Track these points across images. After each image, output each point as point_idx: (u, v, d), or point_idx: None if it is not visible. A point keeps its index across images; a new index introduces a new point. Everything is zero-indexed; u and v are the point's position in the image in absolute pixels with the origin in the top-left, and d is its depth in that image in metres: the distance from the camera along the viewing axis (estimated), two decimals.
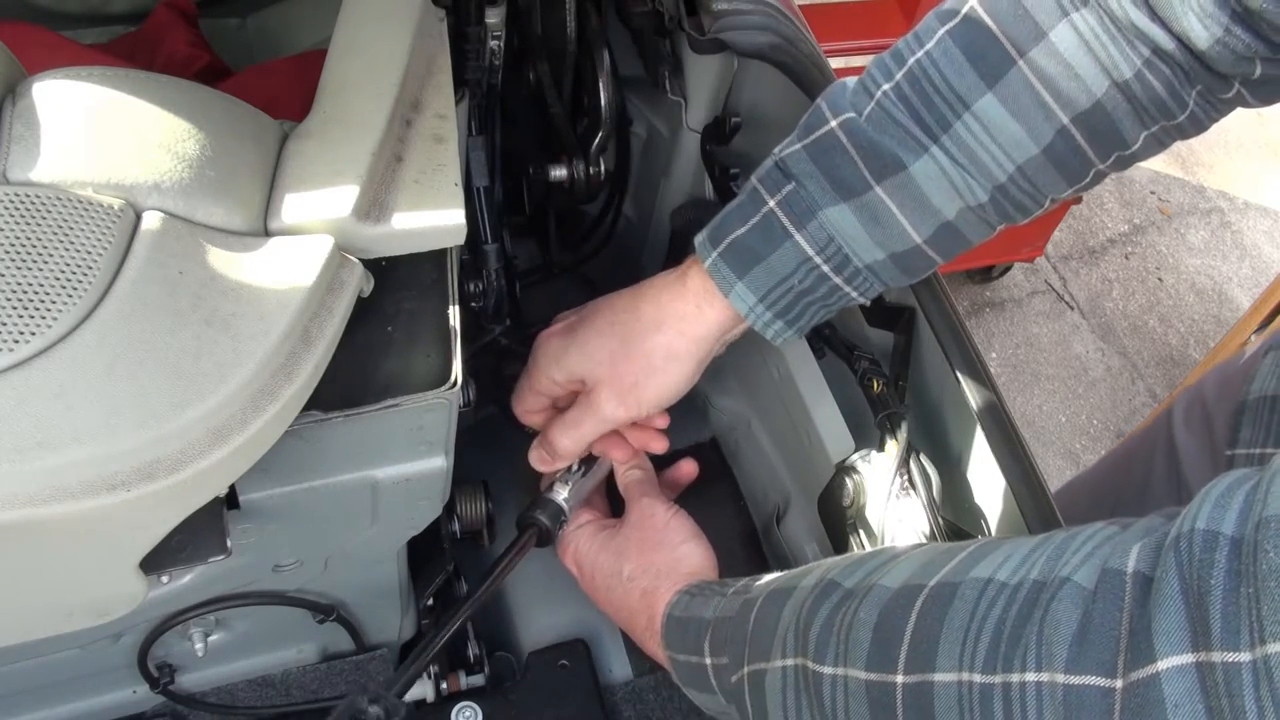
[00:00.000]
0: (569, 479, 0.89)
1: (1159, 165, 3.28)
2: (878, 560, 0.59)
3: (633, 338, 0.78)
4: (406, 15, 0.65)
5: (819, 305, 0.76)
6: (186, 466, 0.47)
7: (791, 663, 0.60)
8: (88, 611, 0.58)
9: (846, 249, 0.72)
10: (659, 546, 0.83)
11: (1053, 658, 0.44)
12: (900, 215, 0.71)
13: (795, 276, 0.73)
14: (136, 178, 0.51)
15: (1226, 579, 0.39)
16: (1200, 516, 0.42)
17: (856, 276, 0.74)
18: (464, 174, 0.79)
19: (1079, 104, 0.67)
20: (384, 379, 0.60)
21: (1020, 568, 0.49)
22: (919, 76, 0.69)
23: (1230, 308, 2.93)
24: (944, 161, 0.69)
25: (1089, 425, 2.64)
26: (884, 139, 0.69)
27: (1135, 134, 0.69)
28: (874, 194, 0.70)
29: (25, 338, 0.45)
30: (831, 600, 0.59)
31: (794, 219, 0.72)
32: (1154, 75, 0.66)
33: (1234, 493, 0.42)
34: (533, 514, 0.87)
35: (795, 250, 0.73)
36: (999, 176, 0.70)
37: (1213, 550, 0.40)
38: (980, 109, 0.67)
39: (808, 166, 0.71)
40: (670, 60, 0.94)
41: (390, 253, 0.59)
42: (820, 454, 0.91)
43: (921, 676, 0.50)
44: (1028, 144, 0.68)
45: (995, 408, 0.78)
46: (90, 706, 0.90)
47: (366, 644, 0.94)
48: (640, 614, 0.80)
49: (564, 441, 0.83)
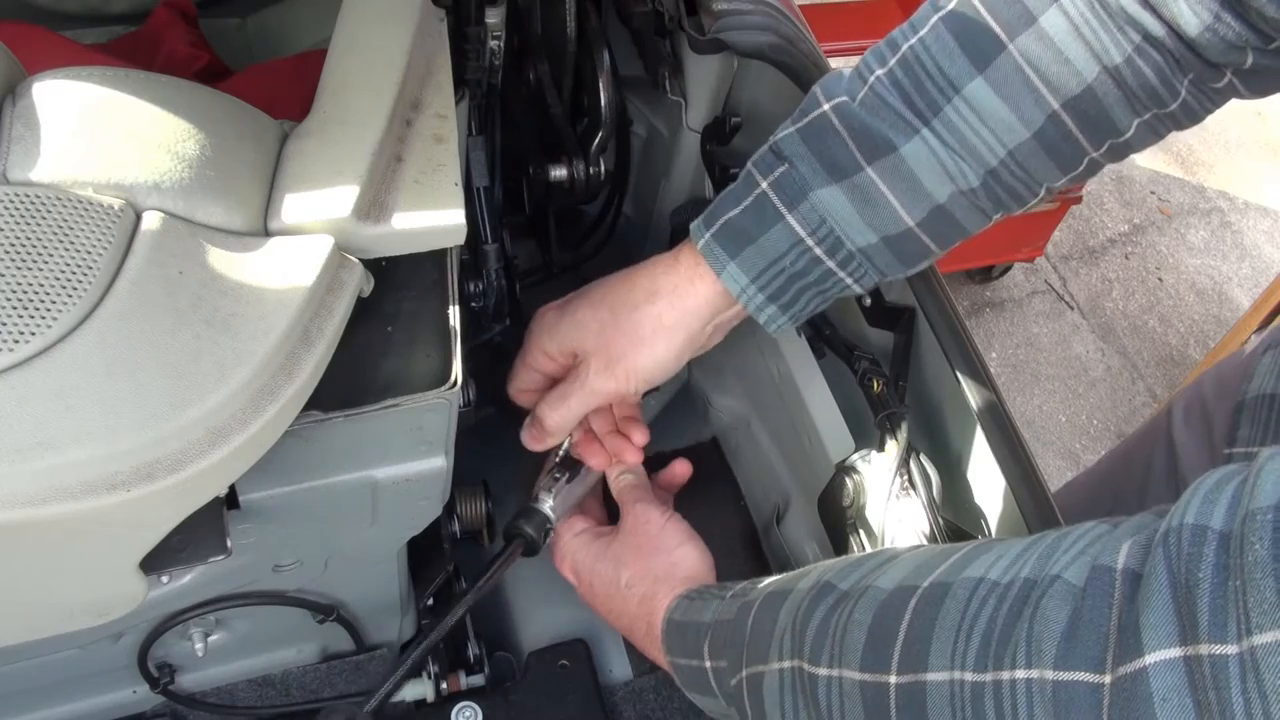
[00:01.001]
0: (555, 487, 0.89)
1: (1159, 165, 3.28)
2: (874, 562, 0.60)
3: (622, 308, 0.79)
4: (406, 15, 0.65)
5: (814, 291, 0.76)
6: (186, 466, 0.47)
7: (788, 665, 0.60)
8: (88, 611, 0.58)
9: (838, 230, 0.73)
10: (655, 552, 0.83)
11: (1042, 654, 0.44)
12: (891, 196, 0.71)
13: (787, 258, 0.74)
14: (136, 178, 0.51)
15: (1215, 573, 0.39)
16: (1189, 511, 0.42)
17: (850, 261, 0.74)
18: (464, 174, 0.79)
19: (1069, 89, 0.67)
20: (384, 379, 0.60)
21: (1011, 567, 0.49)
22: (912, 62, 0.70)
23: (1230, 308, 2.93)
24: (934, 144, 0.70)
25: (1089, 425, 2.64)
26: (876, 122, 0.70)
27: (1128, 121, 0.70)
28: (865, 175, 0.70)
29: (25, 338, 0.45)
30: (827, 602, 0.59)
31: (786, 200, 0.73)
32: (1145, 62, 0.66)
33: (1223, 488, 0.42)
34: (518, 524, 0.87)
35: (787, 231, 0.73)
36: (990, 161, 0.70)
37: (1201, 544, 0.40)
38: (970, 93, 0.68)
39: (800, 149, 0.72)
40: (670, 60, 0.93)
41: (390, 253, 0.59)
42: (820, 454, 0.91)
43: (914, 676, 0.50)
44: (1018, 128, 0.69)
45: (995, 408, 0.78)
46: (90, 706, 0.90)
47: (366, 644, 0.94)
48: (640, 620, 0.80)
49: (552, 416, 0.82)
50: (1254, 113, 3.49)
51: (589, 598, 0.87)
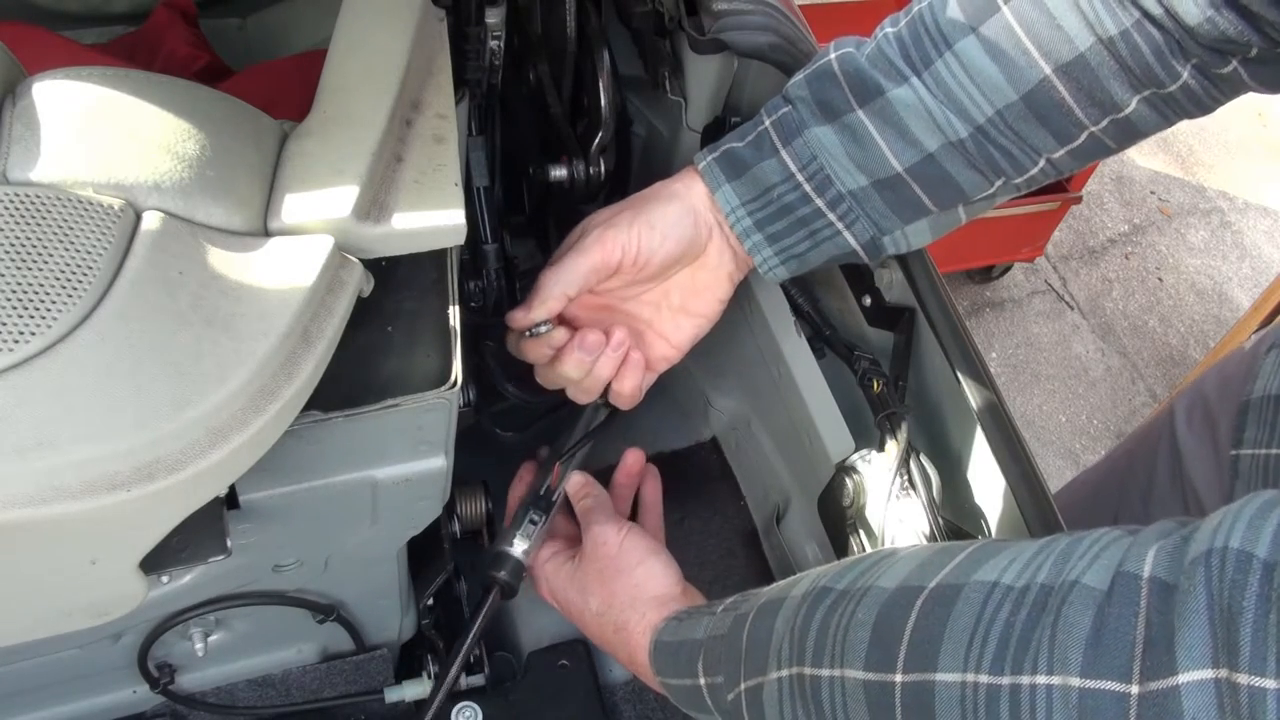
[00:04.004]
0: (532, 531, 0.89)
1: (1159, 165, 3.29)
2: (868, 562, 0.59)
3: (628, 199, 0.83)
4: (406, 15, 0.65)
5: (804, 232, 0.78)
6: (186, 466, 0.47)
7: (788, 673, 0.59)
8: (88, 611, 0.58)
9: (829, 169, 0.76)
10: (617, 574, 0.83)
11: (1066, 661, 0.43)
12: (880, 139, 0.74)
13: (777, 189, 0.77)
14: (136, 178, 0.51)
15: (1259, 603, 0.39)
16: (1234, 535, 0.41)
17: (840, 203, 0.76)
18: (464, 174, 0.79)
19: (1061, 54, 0.69)
20: (384, 379, 0.60)
21: (1025, 571, 0.49)
22: (916, 20, 0.73)
23: (1230, 308, 2.93)
24: (922, 93, 0.72)
25: (1089, 425, 2.64)
26: (872, 70, 0.74)
27: (1126, 97, 0.70)
28: (855, 115, 0.74)
29: (25, 338, 0.45)
30: (825, 604, 0.58)
31: (783, 136, 0.77)
32: (1142, 38, 0.67)
33: (1268, 514, 0.42)
34: (493, 573, 0.88)
35: (780, 164, 0.77)
36: (977, 118, 0.72)
37: (1246, 572, 0.40)
38: (961, 49, 0.71)
39: (803, 92, 0.76)
40: (670, 60, 0.93)
41: (390, 253, 0.59)
42: (820, 454, 0.91)
43: (921, 676, 0.50)
44: (1006, 89, 0.70)
45: (995, 408, 0.78)
46: (90, 706, 0.90)
47: (366, 644, 0.94)
48: (620, 649, 0.81)
49: (548, 279, 0.79)
50: (1255, 113, 3.50)
51: (570, 619, 0.88)
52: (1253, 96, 0.73)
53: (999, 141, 0.73)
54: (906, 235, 0.78)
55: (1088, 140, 0.73)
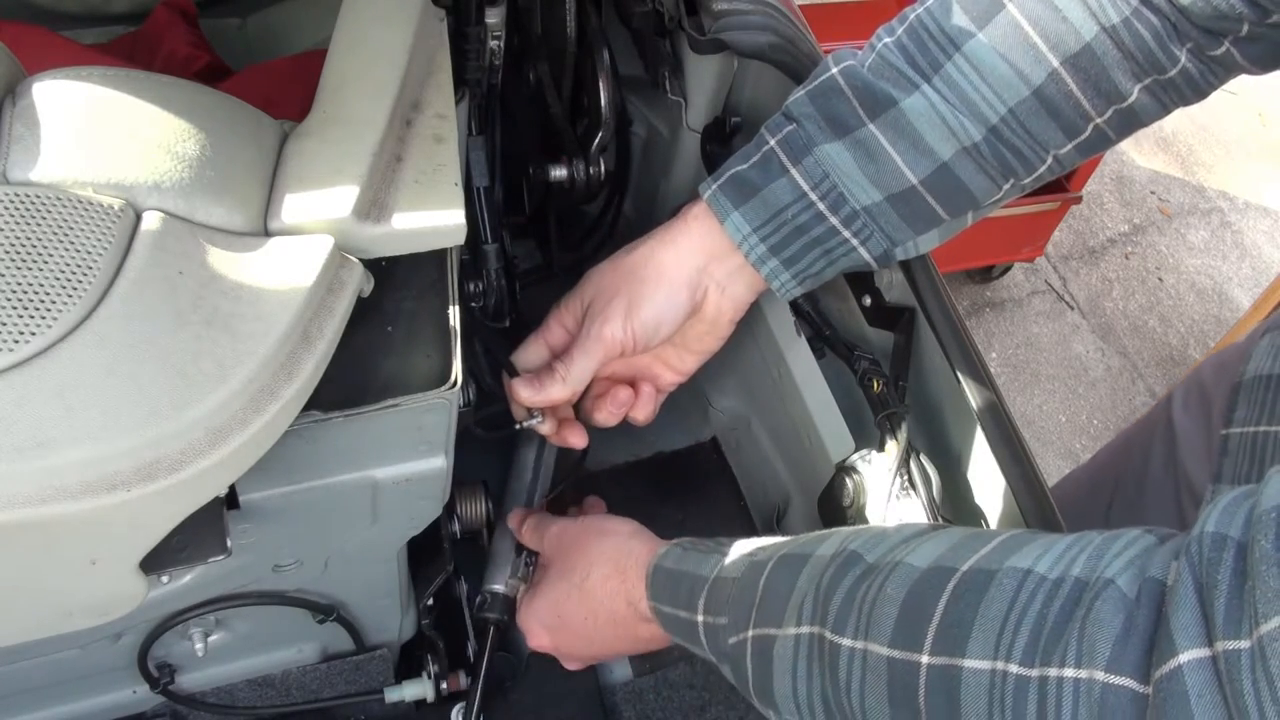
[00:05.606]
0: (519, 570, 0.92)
1: (1159, 165, 3.29)
2: (899, 536, 0.59)
3: (621, 253, 0.83)
4: (406, 15, 0.65)
5: (819, 251, 0.77)
6: (186, 466, 0.47)
7: (807, 630, 0.59)
8: (88, 611, 0.58)
9: (841, 186, 0.75)
10: (594, 538, 0.82)
11: (1095, 655, 0.44)
12: (894, 152, 0.73)
13: (790, 210, 0.76)
14: (136, 178, 0.51)
15: (1233, 577, 0.41)
16: (1210, 521, 0.43)
17: (854, 220, 0.76)
18: (464, 174, 0.79)
19: (1068, 46, 0.69)
20: (384, 379, 0.60)
21: (1058, 563, 0.49)
22: (916, 27, 0.73)
23: (1230, 308, 2.93)
24: (935, 99, 0.72)
25: (1089, 425, 2.64)
26: (880, 82, 0.73)
27: (1129, 85, 0.71)
28: (867, 130, 0.73)
29: (25, 338, 0.45)
30: (854, 572, 0.58)
31: (791, 155, 0.76)
32: (1142, 24, 0.69)
33: (1242, 501, 0.44)
34: (484, 615, 0.91)
35: (791, 185, 0.76)
36: (990, 118, 0.72)
37: (1221, 550, 0.42)
38: (970, 49, 0.71)
39: (807, 109, 0.75)
40: (670, 60, 0.93)
41: (390, 253, 0.59)
42: (820, 454, 0.91)
43: (950, 660, 0.49)
44: (1018, 85, 0.71)
45: (995, 408, 0.78)
46: (90, 706, 0.90)
47: (366, 644, 0.94)
48: (619, 598, 0.77)
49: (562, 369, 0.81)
50: (1254, 113, 3.49)
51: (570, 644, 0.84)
52: (1252, 97, 0.74)
53: (1011, 141, 0.73)
54: (918, 244, 0.78)
55: (1093, 133, 0.74)
